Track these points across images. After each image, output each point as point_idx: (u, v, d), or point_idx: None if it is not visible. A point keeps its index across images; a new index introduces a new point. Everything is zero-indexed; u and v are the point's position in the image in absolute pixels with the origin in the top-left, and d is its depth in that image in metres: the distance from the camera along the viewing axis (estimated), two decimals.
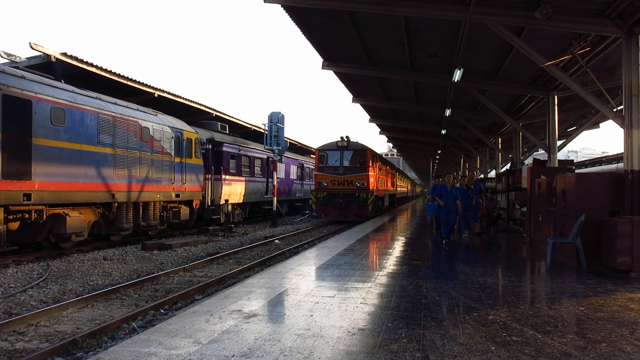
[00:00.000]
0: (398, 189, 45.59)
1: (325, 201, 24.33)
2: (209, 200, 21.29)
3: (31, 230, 12.39)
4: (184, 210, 18.67)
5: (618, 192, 10.14)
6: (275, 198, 25.20)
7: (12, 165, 11.07)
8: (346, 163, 25.28)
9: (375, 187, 26.09)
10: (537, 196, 13.53)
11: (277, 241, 17.14)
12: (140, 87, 19.07)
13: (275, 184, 25.60)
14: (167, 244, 14.90)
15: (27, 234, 12.41)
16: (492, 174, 31.01)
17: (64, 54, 15.02)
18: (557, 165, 16.07)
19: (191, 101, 22.69)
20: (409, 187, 67.85)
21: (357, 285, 7.66)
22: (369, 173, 24.89)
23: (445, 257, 11.11)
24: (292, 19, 13.75)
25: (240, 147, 24.63)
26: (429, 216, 19.57)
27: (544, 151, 17.52)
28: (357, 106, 25.99)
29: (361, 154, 25.56)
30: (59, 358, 5.57)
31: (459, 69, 13.79)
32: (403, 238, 15.07)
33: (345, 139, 25.57)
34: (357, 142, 26.55)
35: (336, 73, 19.21)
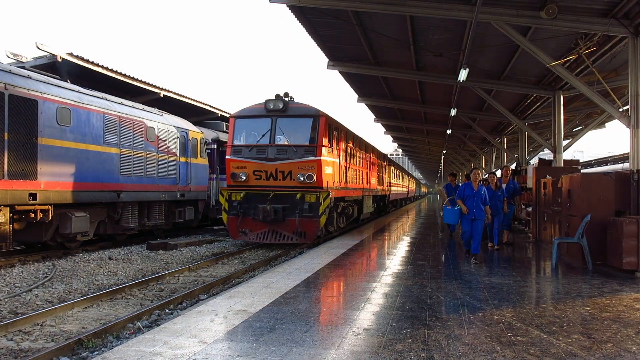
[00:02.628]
0: (392, 188, 33.98)
1: (244, 208, 14.36)
2: (214, 200, 21.32)
3: (37, 230, 12.43)
4: (189, 210, 18.70)
5: (624, 192, 10.10)
6: None
7: (18, 165, 11.12)
8: (281, 140, 14.67)
9: (335, 183, 15.78)
10: (543, 196, 13.49)
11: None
12: (146, 87, 19.12)
13: None
14: (172, 244, 14.93)
15: (32, 233, 12.45)
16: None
17: (70, 54, 15.09)
18: (562, 165, 16.01)
19: (196, 101, 22.74)
20: (410, 187, 53.82)
21: (363, 285, 7.66)
22: (323, 157, 14.38)
23: (451, 259, 11.08)
24: (297, 19, 13.76)
25: None
26: (440, 220, 18.38)
27: (549, 151, 17.47)
28: (362, 106, 25.86)
29: (309, 125, 14.83)
30: (65, 357, 5.58)
31: (465, 69, 13.76)
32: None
33: (282, 98, 14.93)
34: (302, 104, 15.27)
35: (341, 73, 19.22)
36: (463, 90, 18.44)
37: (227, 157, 14.94)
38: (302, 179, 14.05)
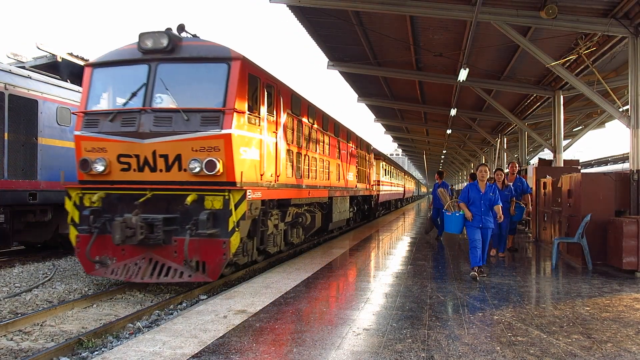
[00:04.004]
0: (382, 187, 27.55)
1: (102, 220, 8.46)
2: None
3: (37, 230, 12.44)
4: None
5: (624, 192, 10.11)
6: None
7: (18, 165, 11.13)
8: (164, 102, 8.45)
9: (268, 177, 9.60)
10: (543, 196, 13.49)
11: None
12: None
13: None
14: None
15: (32, 233, 12.46)
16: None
17: (70, 54, 15.07)
18: (562, 165, 16.01)
19: None
20: (407, 186, 46.45)
21: (362, 285, 7.67)
22: (236, 131, 8.16)
23: (450, 258, 11.08)
24: (297, 19, 13.76)
25: None
26: (428, 219, 16.97)
27: (549, 151, 17.47)
28: (362, 106, 25.87)
29: (214, 75, 8.46)
30: (65, 358, 5.57)
31: (465, 69, 13.76)
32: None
33: (168, 32, 8.48)
34: (204, 41, 8.81)
35: (341, 73, 19.23)
36: (463, 90, 18.44)
37: (75, 132, 8.85)
38: (198, 168, 8.10)
